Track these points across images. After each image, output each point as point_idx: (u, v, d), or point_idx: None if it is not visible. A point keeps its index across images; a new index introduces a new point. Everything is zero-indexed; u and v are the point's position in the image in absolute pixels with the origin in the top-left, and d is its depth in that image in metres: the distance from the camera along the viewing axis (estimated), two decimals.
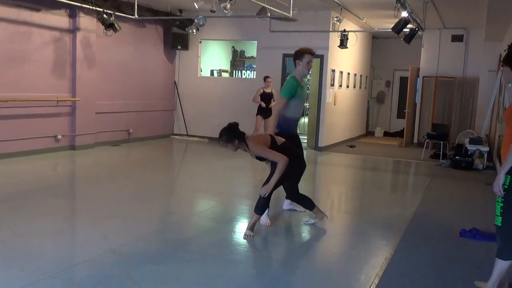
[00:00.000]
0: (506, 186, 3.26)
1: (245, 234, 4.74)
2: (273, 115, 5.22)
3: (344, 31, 10.59)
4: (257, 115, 10.59)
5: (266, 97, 10.51)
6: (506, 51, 7.32)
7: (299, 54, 5.30)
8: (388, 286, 3.68)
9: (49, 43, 9.01)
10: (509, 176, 3.25)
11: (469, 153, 9.76)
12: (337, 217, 6.07)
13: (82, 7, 9.06)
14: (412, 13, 9.19)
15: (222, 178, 7.95)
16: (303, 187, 7.77)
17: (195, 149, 11.21)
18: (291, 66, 12.28)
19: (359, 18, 11.18)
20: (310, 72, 5.40)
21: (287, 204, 5.77)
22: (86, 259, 3.97)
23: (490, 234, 4.90)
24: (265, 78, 10.66)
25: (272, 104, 10.40)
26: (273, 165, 4.64)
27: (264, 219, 5.04)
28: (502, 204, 3.31)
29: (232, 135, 4.53)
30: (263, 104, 10.47)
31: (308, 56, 5.27)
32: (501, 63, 3.46)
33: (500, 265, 3.40)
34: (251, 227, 4.78)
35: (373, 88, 15.94)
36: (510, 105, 3.41)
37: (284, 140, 4.81)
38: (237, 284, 3.67)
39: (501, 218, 3.33)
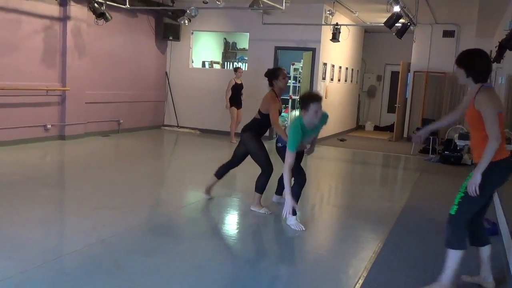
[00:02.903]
0: (470, 178, 3.27)
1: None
2: (285, 175, 4.61)
3: (337, 24, 10.59)
4: (231, 107, 10.64)
5: (239, 87, 10.62)
6: (496, 47, 7.36)
7: (304, 103, 4.57)
8: (376, 279, 3.71)
9: (39, 32, 8.91)
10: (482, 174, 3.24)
11: (458, 148, 9.83)
12: (326, 211, 6.10)
13: None
14: (405, 8, 9.21)
15: (212, 170, 7.93)
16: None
17: (186, 141, 11.19)
18: (283, 58, 12.37)
19: (352, 12, 11.17)
20: (319, 120, 4.66)
21: (276, 197, 5.79)
22: (75, 249, 3.96)
23: None
24: (237, 69, 10.82)
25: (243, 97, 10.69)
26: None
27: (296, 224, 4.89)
28: (463, 195, 3.31)
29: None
30: (229, 93, 10.63)
31: (314, 105, 4.50)
32: (455, 63, 3.40)
33: (453, 255, 3.36)
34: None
35: (364, 82, 15.99)
36: (469, 108, 3.34)
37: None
38: (225, 276, 3.68)
39: (456, 207, 3.33)
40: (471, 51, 3.41)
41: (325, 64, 11.54)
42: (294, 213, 4.88)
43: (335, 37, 10.62)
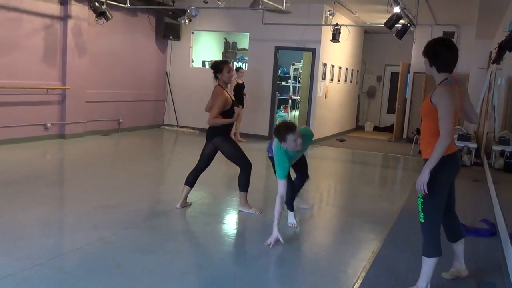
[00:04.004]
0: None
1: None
2: (276, 205, 4.39)
3: (337, 25, 10.60)
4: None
5: (240, 87, 10.63)
6: (496, 48, 7.38)
7: (281, 136, 4.35)
8: (375, 279, 3.72)
9: (40, 30, 8.92)
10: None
11: (458, 149, 9.83)
12: (325, 211, 6.12)
13: None
14: (405, 8, 9.22)
15: (211, 170, 7.92)
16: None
17: (185, 140, 11.20)
18: (283, 58, 12.38)
19: (352, 12, 11.19)
20: (300, 147, 4.42)
21: (297, 200, 5.52)
22: (75, 248, 3.97)
23: (476, 229, 4.98)
24: (238, 69, 10.81)
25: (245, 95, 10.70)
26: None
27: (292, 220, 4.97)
28: (422, 200, 3.27)
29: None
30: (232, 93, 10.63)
31: (291, 136, 4.28)
32: (423, 54, 3.36)
33: (428, 263, 3.33)
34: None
35: (364, 83, 16.00)
36: (426, 99, 3.30)
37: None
38: (225, 275, 3.70)
39: (422, 214, 3.29)
40: (435, 40, 3.36)
41: (325, 64, 11.55)
42: (291, 208, 4.94)
43: (335, 38, 10.63)
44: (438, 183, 3.21)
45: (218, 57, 14.05)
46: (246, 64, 12.42)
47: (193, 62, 12.71)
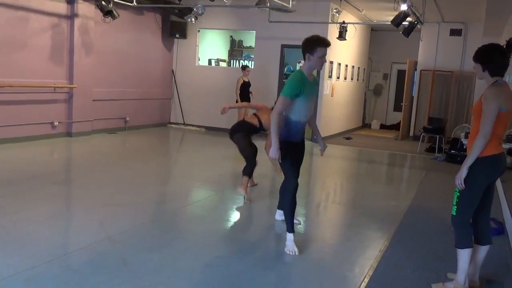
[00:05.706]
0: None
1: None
2: (272, 120, 4.04)
3: (343, 23, 10.58)
4: None
5: (247, 85, 10.63)
6: (504, 46, 7.34)
7: (311, 46, 4.14)
8: (382, 278, 3.72)
9: (47, 29, 8.96)
10: (468, 169, 3.31)
11: (464, 147, 9.80)
12: (332, 209, 6.11)
13: None
14: (412, 6, 9.18)
15: (218, 168, 7.95)
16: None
17: (192, 138, 11.22)
18: (289, 56, 12.34)
19: (358, 10, 11.16)
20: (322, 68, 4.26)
21: (279, 214, 5.08)
22: (83, 246, 3.99)
23: None
24: (245, 67, 10.83)
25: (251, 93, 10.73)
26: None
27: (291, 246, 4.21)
28: (458, 194, 3.38)
29: None
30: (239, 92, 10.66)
31: (322, 50, 4.12)
32: (472, 59, 3.49)
33: (462, 255, 3.42)
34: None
35: (371, 81, 15.96)
36: (477, 101, 3.43)
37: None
38: (232, 274, 3.70)
39: (456, 207, 3.40)
40: (486, 45, 3.47)
41: (331, 62, 11.53)
42: (291, 229, 4.23)
43: (341, 35, 10.61)
44: (476, 181, 3.32)
45: (224, 55, 14.06)
46: (252, 62, 12.41)
47: (199, 60, 12.72)
